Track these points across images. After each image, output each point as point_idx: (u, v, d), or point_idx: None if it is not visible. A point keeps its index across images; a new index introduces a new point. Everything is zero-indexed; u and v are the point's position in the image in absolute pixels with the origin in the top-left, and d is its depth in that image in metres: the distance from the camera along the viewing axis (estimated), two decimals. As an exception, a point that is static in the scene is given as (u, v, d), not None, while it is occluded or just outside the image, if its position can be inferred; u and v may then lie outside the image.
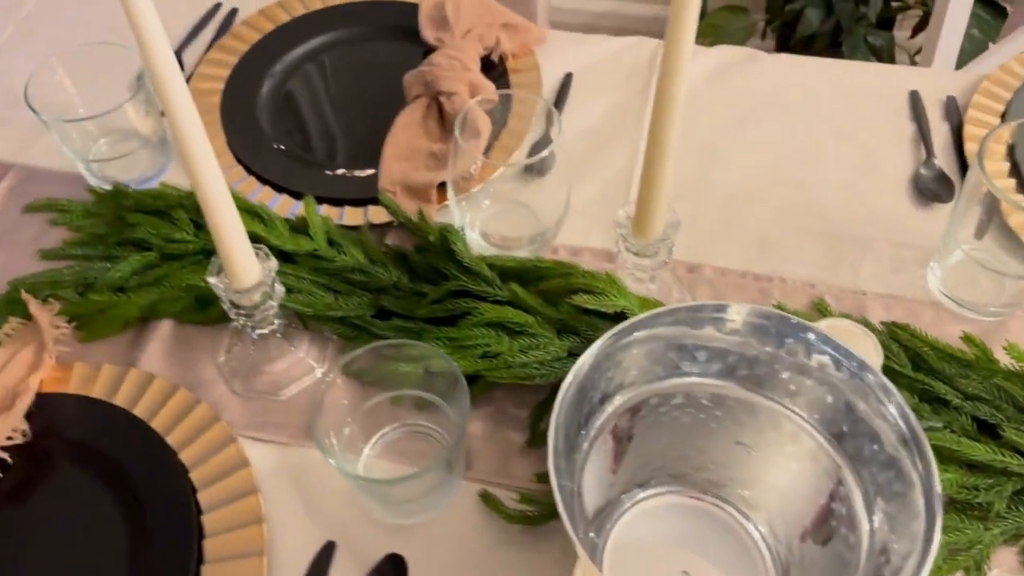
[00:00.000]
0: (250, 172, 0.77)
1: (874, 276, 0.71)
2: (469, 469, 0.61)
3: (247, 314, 0.59)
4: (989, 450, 0.55)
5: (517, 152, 0.77)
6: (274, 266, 0.59)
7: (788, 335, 0.50)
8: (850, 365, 0.48)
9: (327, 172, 0.78)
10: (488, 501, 0.58)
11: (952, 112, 0.81)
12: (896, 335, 0.64)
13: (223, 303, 0.59)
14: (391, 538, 0.58)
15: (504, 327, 0.61)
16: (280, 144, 0.80)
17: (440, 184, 0.74)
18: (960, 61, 1.48)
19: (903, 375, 0.61)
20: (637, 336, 0.51)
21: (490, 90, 0.80)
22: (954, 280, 0.68)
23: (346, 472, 0.53)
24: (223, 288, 0.58)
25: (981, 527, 0.55)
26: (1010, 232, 0.66)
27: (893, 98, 0.83)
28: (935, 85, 0.83)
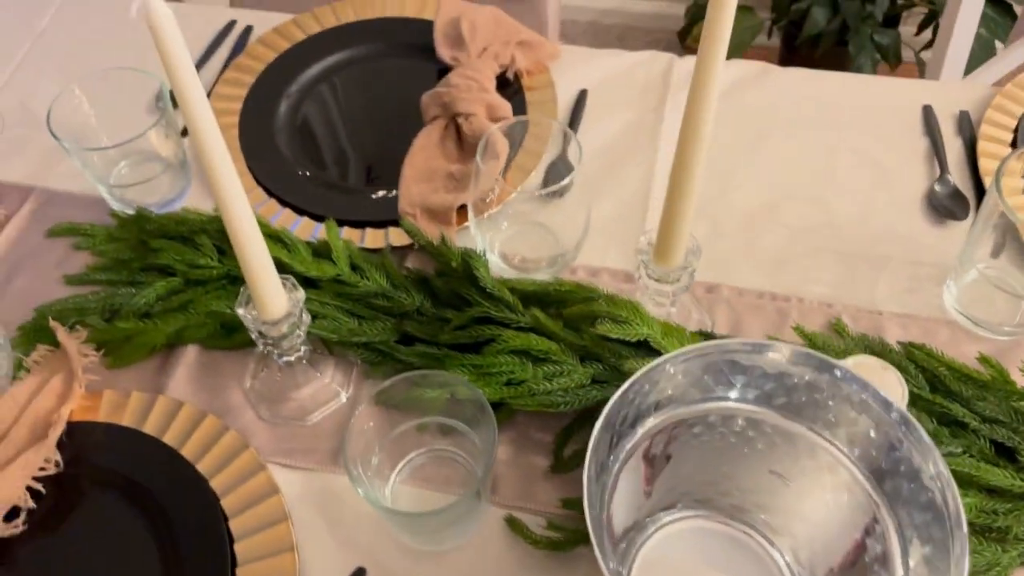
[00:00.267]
0: (270, 194, 0.78)
1: (890, 295, 0.71)
2: (494, 494, 0.62)
3: (275, 344, 0.60)
4: (1008, 475, 0.56)
5: (534, 172, 0.77)
6: (301, 297, 0.60)
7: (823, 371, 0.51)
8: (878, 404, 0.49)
9: (347, 193, 0.78)
10: (514, 526, 0.59)
11: (965, 127, 0.82)
12: (913, 356, 0.65)
13: (251, 333, 0.60)
14: (420, 564, 0.59)
15: (528, 354, 0.61)
16: (300, 165, 0.80)
17: (460, 206, 0.74)
18: (969, 62, 1.49)
19: (921, 398, 0.61)
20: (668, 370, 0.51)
21: (507, 110, 0.80)
22: (969, 299, 0.69)
23: (380, 506, 0.54)
24: (251, 319, 0.58)
25: (999, 549, 0.56)
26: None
27: (906, 112, 0.84)
28: (948, 98, 0.84)
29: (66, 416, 0.62)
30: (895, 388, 0.51)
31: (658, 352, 0.59)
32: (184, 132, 0.85)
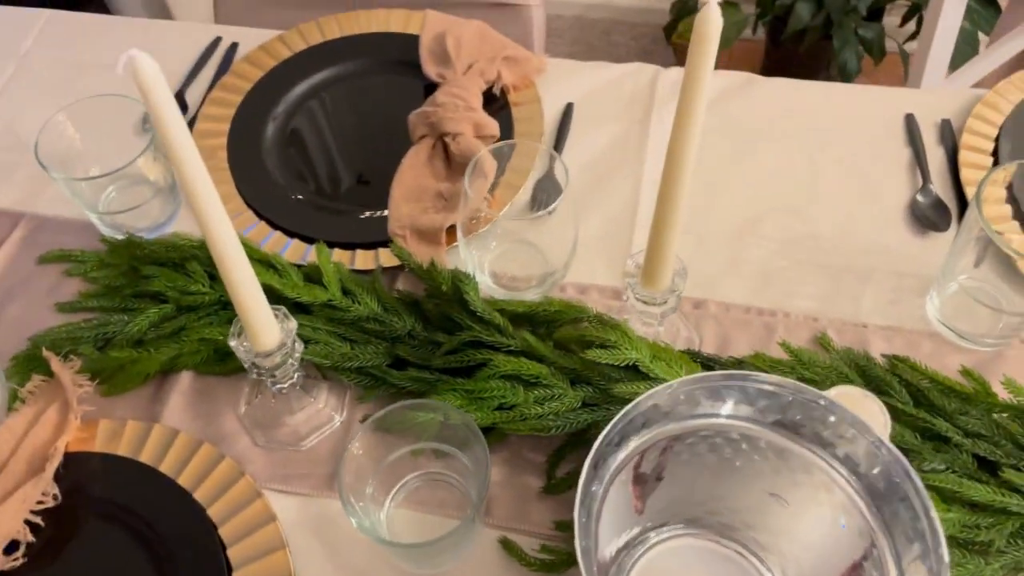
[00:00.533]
0: (260, 216, 0.78)
1: (874, 307, 0.72)
2: (488, 515, 0.63)
3: (269, 373, 0.61)
4: (989, 490, 0.58)
5: (522, 191, 0.78)
6: (294, 327, 0.60)
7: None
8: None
9: (337, 214, 0.79)
10: (509, 548, 0.60)
11: (947, 136, 0.83)
12: (897, 369, 0.66)
13: (245, 364, 0.60)
14: (416, 587, 0.60)
15: (519, 378, 0.62)
16: (289, 187, 0.81)
17: (450, 225, 0.75)
18: (953, 54, 1.49)
19: (905, 413, 0.63)
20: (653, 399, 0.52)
21: (493, 128, 0.81)
22: (952, 310, 0.70)
23: (377, 538, 0.55)
24: (244, 351, 0.59)
25: (982, 562, 0.58)
26: (1008, 261, 0.68)
27: (889, 121, 0.84)
28: (930, 106, 0.85)
29: (63, 449, 0.63)
30: (877, 417, 0.52)
31: (647, 375, 0.60)
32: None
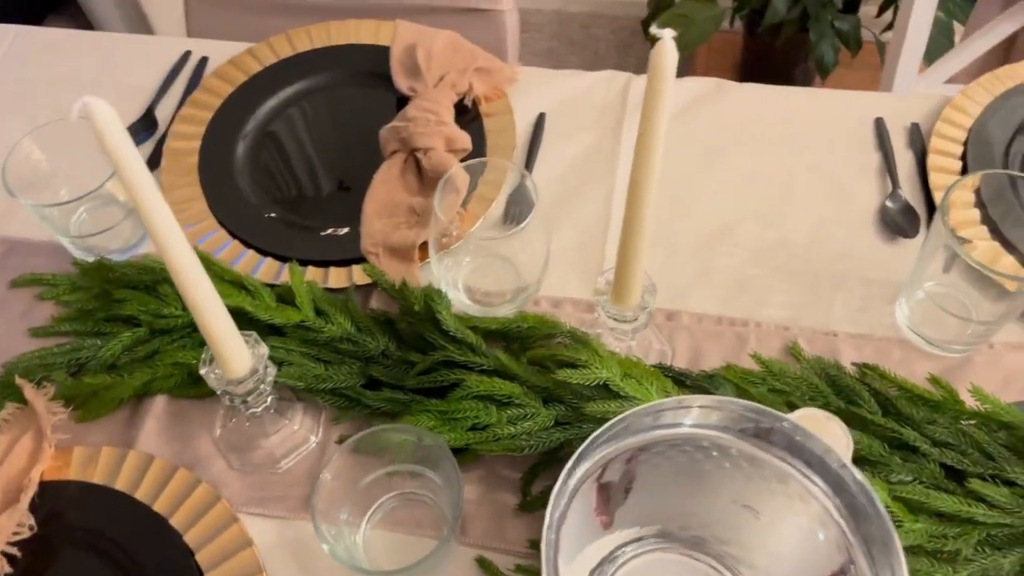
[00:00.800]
0: (233, 235, 0.78)
1: (844, 315, 0.73)
2: (464, 534, 0.63)
3: (242, 400, 0.61)
4: (956, 500, 0.58)
5: (495, 203, 0.78)
6: (265, 352, 0.60)
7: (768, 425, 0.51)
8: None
9: (310, 232, 0.79)
10: (485, 567, 0.61)
11: (916, 140, 0.83)
12: (866, 378, 0.67)
13: (217, 391, 0.60)
14: (393, 608, 0.60)
15: (492, 398, 0.63)
16: (262, 204, 0.81)
17: (422, 242, 0.75)
18: (929, 45, 1.50)
19: (874, 423, 0.63)
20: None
21: (465, 141, 0.81)
22: (921, 317, 0.71)
23: (353, 567, 0.55)
24: (216, 379, 0.59)
25: (950, 570, 0.58)
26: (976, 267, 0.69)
27: (859, 126, 0.85)
28: (900, 110, 0.85)
29: (37, 479, 0.63)
30: (839, 439, 0.53)
31: (618, 393, 0.61)
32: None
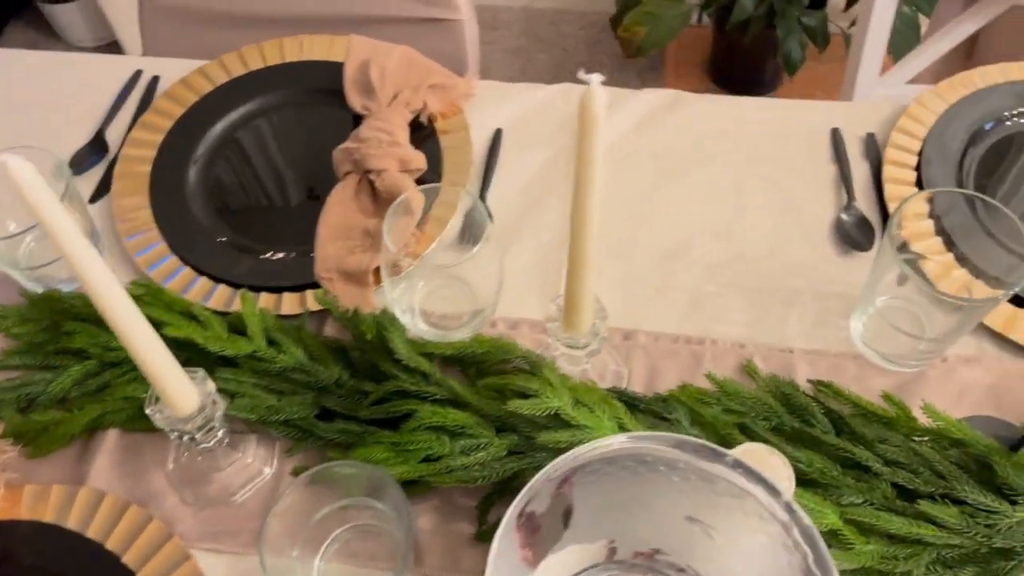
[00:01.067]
0: (184, 262, 0.77)
1: (800, 330, 0.73)
2: (420, 564, 0.63)
3: (191, 437, 0.60)
4: (906, 522, 0.59)
5: (452, 221, 0.77)
6: (212, 388, 0.60)
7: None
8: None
9: (263, 257, 0.78)
10: (440, 598, 0.61)
11: (871, 150, 0.83)
12: (821, 395, 0.67)
13: (165, 429, 0.60)
14: (349, 643, 0.60)
15: (445, 429, 0.62)
16: (214, 229, 0.80)
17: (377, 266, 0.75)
18: (893, 38, 1.50)
19: (826, 443, 0.64)
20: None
21: (420, 161, 0.80)
22: (874, 332, 0.71)
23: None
24: (162, 419, 0.58)
25: (902, 589, 0.59)
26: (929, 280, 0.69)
27: (816, 136, 0.85)
28: (856, 119, 0.85)
29: (-15, 521, 0.62)
30: (781, 471, 0.53)
31: (569, 423, 0.60)
32: (91, 199, 0.84)
